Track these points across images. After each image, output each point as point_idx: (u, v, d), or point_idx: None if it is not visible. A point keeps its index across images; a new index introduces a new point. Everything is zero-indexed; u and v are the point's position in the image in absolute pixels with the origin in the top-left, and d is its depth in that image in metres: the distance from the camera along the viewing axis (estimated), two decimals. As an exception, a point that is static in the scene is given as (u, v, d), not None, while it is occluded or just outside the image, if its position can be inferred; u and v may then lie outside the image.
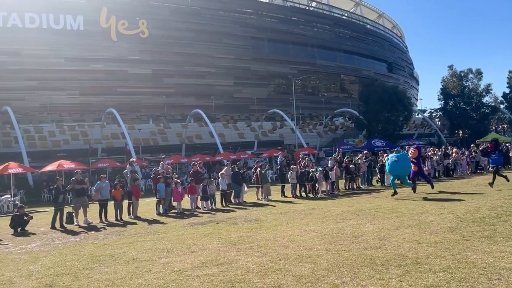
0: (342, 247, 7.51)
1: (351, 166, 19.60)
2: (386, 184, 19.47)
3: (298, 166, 18.75)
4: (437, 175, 21.51)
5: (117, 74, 48.22)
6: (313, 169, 18.25)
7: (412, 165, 15.70)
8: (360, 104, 42.73)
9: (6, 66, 42.47)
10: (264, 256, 7.15)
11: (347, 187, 19.33)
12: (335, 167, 18.62)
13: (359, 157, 21.32)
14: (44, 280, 6.69)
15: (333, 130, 49.29)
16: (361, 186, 19.89)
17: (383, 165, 19.85)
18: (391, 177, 15.94)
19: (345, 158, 21.16)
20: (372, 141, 35.99)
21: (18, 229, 12.55)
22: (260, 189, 17.45)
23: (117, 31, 48.92)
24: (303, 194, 17.64)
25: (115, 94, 46.84)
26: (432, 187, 15.71)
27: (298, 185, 17.69)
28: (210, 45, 53.57)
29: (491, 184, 15.32)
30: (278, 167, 21.51)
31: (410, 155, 16.05)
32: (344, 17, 71.43)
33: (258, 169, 18.06)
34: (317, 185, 17.89)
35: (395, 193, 15.14)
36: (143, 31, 50.28)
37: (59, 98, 44.94)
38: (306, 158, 21.06)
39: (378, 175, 20.75)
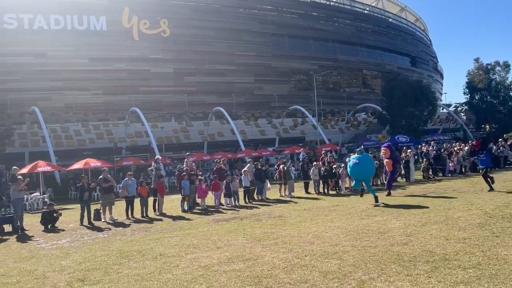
0: (368, 243, 7.46)
1: (376, 162, 19.40)
2: (410, 180, 19.20)
3: (320, 162, 18.67)
4: (463, 170, 21.07)
5: (139, 73, 48.95)
6: (335, 165, 18.15)
7: (386, 166, 14.76)
8: (383, 99, 42.18)
9: (33, 67, 43.62)
10: (289, 252, 7.17)
11: (371, 183, 19.12)
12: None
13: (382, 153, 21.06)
14: (76, 274, 6.89)
15: (355, 126, 48.82)
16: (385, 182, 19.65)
17: (407, 161, 19.58)
18: (353, 182, 14.16)
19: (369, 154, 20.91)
20: (396, 137, 35.48)
21: (49, 226, 12.92)
22: (283, 185, 17.46)
23: (139, 31, 49.62)
24: (326, 190, 17.57)
25: (138, 93, 47.60)
26: (388, 194, 14.32)
27: (321, 182, 17.62)
28: (231, 42, 53.76)
29: (490, 189, 13.47)
30: (301, 164, 21.45)
31: (382, 155, 15.19)
32: (365, 11, 70.55)
33: (282, 165, 18.07)
34: (340, 182, 17.78)
35: (376, 199, 12.71)
36: (164, 30, 50.85)
37: (83, 97, 45.96)
38: (329, 154, 20.93)
39: (403, 171, 20.46)
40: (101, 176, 14.37)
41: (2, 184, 22.59)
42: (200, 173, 17.84)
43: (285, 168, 17.61)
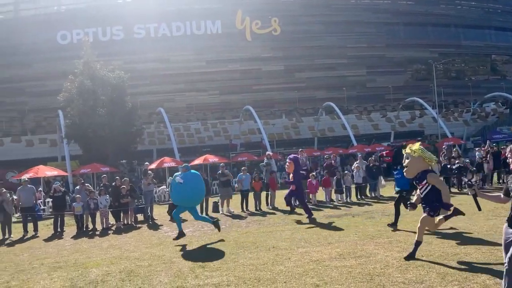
0: (496, 246, 6.79)
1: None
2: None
3: (441, 158, 17.36)
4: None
5: (252, 72, 50.79)
6: (458, 161, 16.70)
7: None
8: (516, 87, 37.48)
9: (158, 72, 48.06)
10: (404, 252, 6.86)
11: (501, 181, 17.21)
12: (489, 159, 16.69)
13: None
14: (197, 261, 7.50)
15: (483, 118, 44.15)
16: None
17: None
18: (175, 209, 10.31)
19: (503, 148, 18.70)
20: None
21: (174, 216, 14.20)
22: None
23: (252, 31, 51.44)
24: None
25: (250, 92, 49.47)
26: (309, 216, 11.25)
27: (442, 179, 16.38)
28: (341, 35, 52.75)
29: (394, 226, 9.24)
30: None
31: (286, 169, 12.36)
32: (494, -10, 63.30)
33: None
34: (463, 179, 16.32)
35: (180, 234, 9.79)
36: (275, 29, 51.94)
37: (202, 98, 49.32)
38: (453, 149, 19.33)
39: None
40: (219, 171, 15.31)
41: (135, 178, 25.37)
42: (318, 169, 17.85)
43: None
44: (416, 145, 6.56)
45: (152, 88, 47.16)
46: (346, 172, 17.62)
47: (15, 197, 13.91)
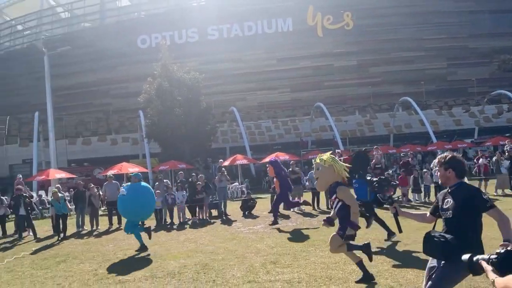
0: None
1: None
2: None
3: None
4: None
5: (323, 69, 50.03)
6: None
7: (276, 187, 11.80)
8: None
9: (231, 71, 49.13)
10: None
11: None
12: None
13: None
14: (269, 257, 7.58)
15: None
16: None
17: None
18: (126, 224, 9.83)
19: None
20: None
21: (246, 212, 14.47)
22: (484, 182, 15.49)
23: (323, 27, 50.68)
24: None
25: (322, 88, 48.77)
26: (273, 223, 11.34)
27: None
28: (419, 27, 50.10)
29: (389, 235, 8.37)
30: (507, 156, 18.59)
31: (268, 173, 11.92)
32: None
33: (481, 159, 16.07)
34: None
35: (142, 247, 9.28)
36: (347, 23, 50.70)
37: (273, 96, 49.58)
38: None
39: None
40: (290, 169, 15.33)
41: (210, 175, 26.25)
42: (394, 168, 17.21)
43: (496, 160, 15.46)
44: (326, 155, 5.91)
45: (225, 88, 48.36)
46: (425, 170, 16.75)
47: (101, 192, 15.02)
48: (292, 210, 13.88)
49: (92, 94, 49.66)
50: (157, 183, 15.83)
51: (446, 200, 3.61)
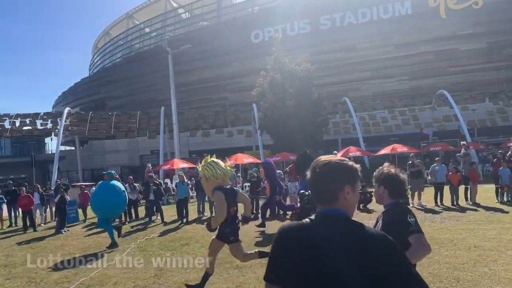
0: None
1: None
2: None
3: None
4: None
5: (447, 53, 45.93)
6: None
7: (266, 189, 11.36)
8: None
9: (343, 61, 47.87)
10: None
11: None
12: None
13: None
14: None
15: None
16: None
17: None
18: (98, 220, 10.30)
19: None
20: None
21: (361, 206, 13.98)
22: None
23: (447, 7, 46.45)
24: None
25: (445, 75, 44.83)
26: (260, 224, 10.75)
27: None
28: None
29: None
30: None
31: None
32: None
33: None
34: None
35: (113, 244, 9.67)
36: (476, 2, 45.69)
37: (389, 85, 47.04)
38: None
39: None
40: (409, 162, 14.40)
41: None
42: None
43: None
44: (203, 162, 5.79)
45: (337, 78, 47.30)
46: None
47: (219, 181, 15.83)
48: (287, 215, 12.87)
49: (210, 89, 52.70)
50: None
51: (378, 223, 3.02)
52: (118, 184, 10.17)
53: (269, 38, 43.37)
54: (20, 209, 14.95)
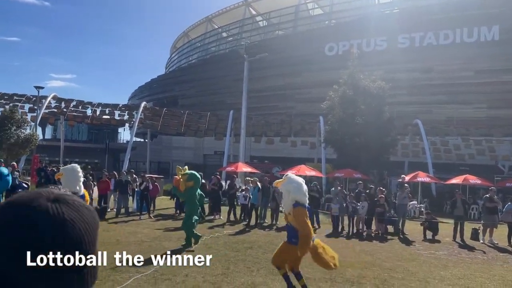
0: None
1: None
2: None
3: None
4: None
5: (532, 84, 42.97)
6: None
7: None
8: None
9: (418, 82, 46.31)
10: None
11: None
12: None
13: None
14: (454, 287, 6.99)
15: None
16: None
17: None
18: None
19: None
20: None
21: (426, 234, 13.54)
22: None
23: (538, 36, 43.51)
24: None
25: (528, 106, 41.95)
26: None
27: None
28: None
29: None
30: None
31: None
32: None
33: None
34: None
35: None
36: None
37: (465, 111, 44.76)
38: None
39: None
40: (486, 195, 13.77)
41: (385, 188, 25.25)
42: None
43: None
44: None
45: (410, 99, 45.81)
46: None
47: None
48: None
49: (278, 97, 53.25)
50: (332, 188, 16.12)
51: None
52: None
53: (343, 52, 43.13)
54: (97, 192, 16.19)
